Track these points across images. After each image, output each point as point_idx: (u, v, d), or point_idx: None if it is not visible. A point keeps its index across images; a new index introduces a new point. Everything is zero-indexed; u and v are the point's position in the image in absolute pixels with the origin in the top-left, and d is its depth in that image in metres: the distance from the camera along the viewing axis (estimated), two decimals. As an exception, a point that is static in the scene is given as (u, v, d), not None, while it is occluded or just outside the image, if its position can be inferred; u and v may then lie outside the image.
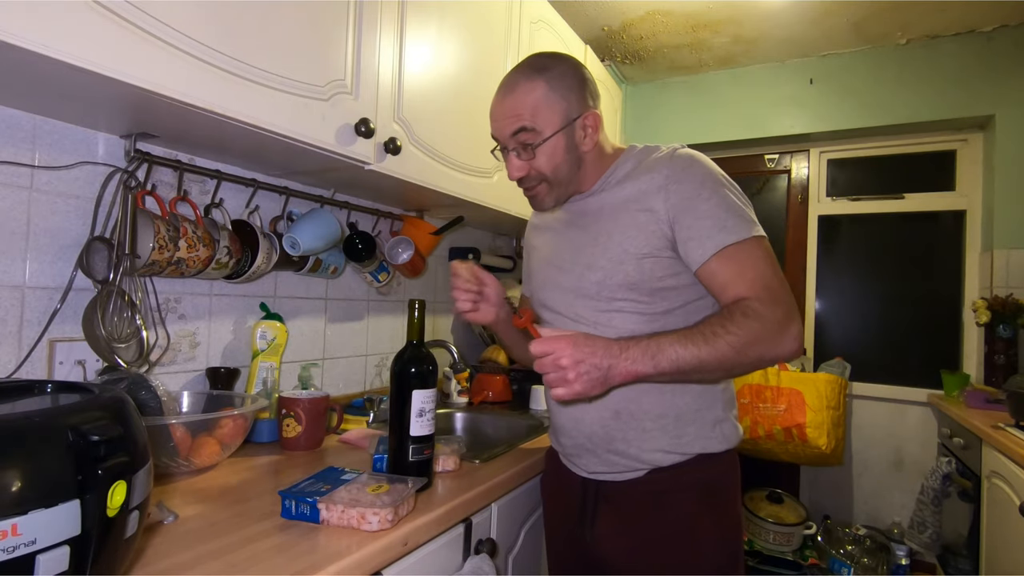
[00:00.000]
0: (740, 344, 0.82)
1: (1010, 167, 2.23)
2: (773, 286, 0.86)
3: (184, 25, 0.79)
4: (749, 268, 0.86)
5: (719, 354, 0.82)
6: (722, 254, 0.87)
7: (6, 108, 0.90)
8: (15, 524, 0.43)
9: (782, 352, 0.84)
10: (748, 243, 0.87)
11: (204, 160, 1.17)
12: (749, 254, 0.87)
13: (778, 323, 0.84)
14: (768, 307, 0.84)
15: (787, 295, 0.87)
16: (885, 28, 2.28)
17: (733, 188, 0.92)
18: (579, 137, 0.96)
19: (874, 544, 2.23)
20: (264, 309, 1.30)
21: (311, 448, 1.15)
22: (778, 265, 0.89)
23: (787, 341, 0.84)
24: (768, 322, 0.83)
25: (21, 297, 0.93)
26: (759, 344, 0.83)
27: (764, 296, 0.85)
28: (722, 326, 0.83)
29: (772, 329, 0.83)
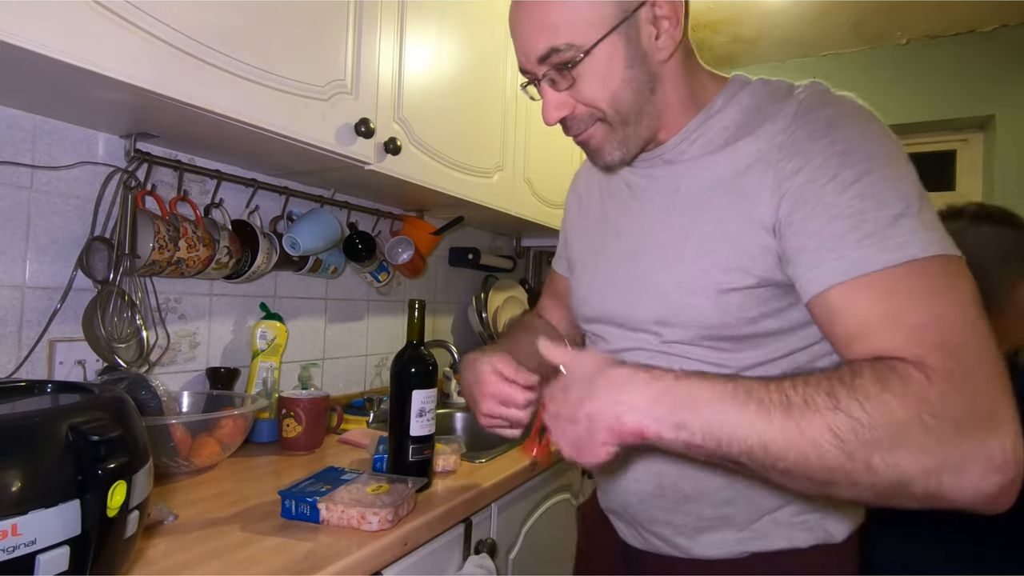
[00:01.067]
0: (859, 436, 0.43)
1: (1010, 167, 2.23)
2: (966, 347, 0.45)
3: (184, 25, 0.79)
4: (916, 306, 0.47)
5: (805, 442, 0.43)
6: (859, 283, 0.50)
7: (6, 108, 0.90)
8: (15, 524, 0.43)
9: (956, 489, 0.43)
10: (921, 268, 0.48)
11: (204, 160, 1.17)
12: (921, 283, 0.48)
13: (959, 422, 0.42)
14: (943, 386, 0.43)
15: (996, 377, 0.44)
16: (885, 28, 2.28)
17: (909, 167, 0.55)
18: (647, 38, 0.61)
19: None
20: (264, 309, 1.30)
21: (311, 448, 1.15)
22: (981, 313, 0.48)
23: (970, 470, 0.42)
24: (934, 415, 0.42)
25: (21, 297, 0.93)
26: (896, 451, 0.42)
27: (940, 362, 0.44)
28: (830, 391, 0.44)
29: (938, 432, 0.42)
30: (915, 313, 0.47)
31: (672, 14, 0.62)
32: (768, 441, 0.44)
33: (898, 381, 0.44)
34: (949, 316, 0.47)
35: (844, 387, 0.44)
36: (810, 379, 0.46)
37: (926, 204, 0.52)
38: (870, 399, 0.43)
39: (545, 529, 1.27)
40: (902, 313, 0.48)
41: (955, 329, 0.46)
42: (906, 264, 0.48)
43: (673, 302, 0.64)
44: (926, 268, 0.48)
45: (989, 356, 0.45)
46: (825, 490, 0.46)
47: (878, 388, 0.44)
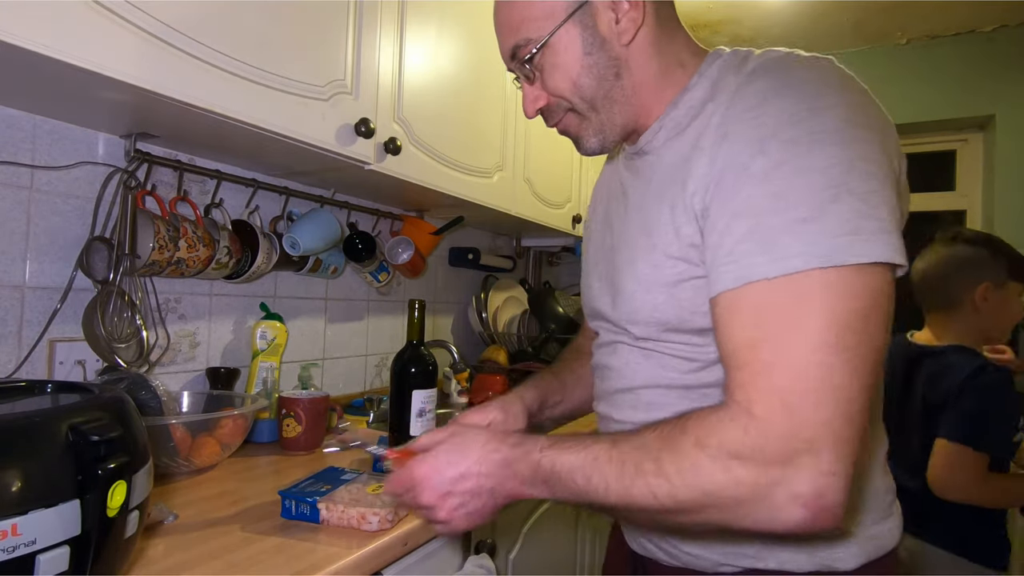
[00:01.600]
0: (664, 501, 0.48)
1: (1010, 167, 2.23)
2: (796, 393, 0.46)
3: (184, 25, 0.79)
4: (771, 340, 0.47)
5: (638, 505, 0.50)
6: (737, 296, 0.50)
7: (6, 108, 0.90)
8: (15, 524, 0.43)
9: (770, 523, 0.47)
10: (801, 283, 0.47)
11: (204, 160, 1.17)
12: (789, 307, 0.47)
13: (760, 471, 0.46)
14: (761, 436, 0.46)
15: (821, 417, 0.45)
16: (885, 28, 2.28)
17: (839, 149, 0.49)
18: (606, 23, 0.61)
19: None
20: (264, 309, 1.30)
21: (311, 448, 1.15)
22: (856, 347, 0.46)
23: (780, 506, 0.46)
24: (747, 463, 0.46)
25: (21, 297, 0.93)
26: (712, 509, 0.48)
27: (763, 411, 0.47)
28: (650, 453, 0.49)
29: (743, 484, 0.46)
30: (768, 349, 0.47)
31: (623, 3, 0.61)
32: (614, 501, 0.50)
33: (714, 441, 0.47)
34: (791, 353, 0.47)
35: (668, 451, 0.49)
36: (647, 442, 0.51)
37: (843, 198, 0.47)
38: (685, 466, 0.48)
39: (545, 529, 1.27)
40: (757, 346, 0.48)
41: (792, 370, 0.46)
42: (784, 278, 0.47)
43: (635, 299, 0.64)
44: (801, 285, 0.47)
45: (824, 396, 0.45)
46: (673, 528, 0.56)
47: (696, 450, 0.48)
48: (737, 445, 0.47)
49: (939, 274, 1.39)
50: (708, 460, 0.47)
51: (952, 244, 1.39)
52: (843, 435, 0.46)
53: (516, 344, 2.06)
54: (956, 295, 1.36)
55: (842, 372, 0.46)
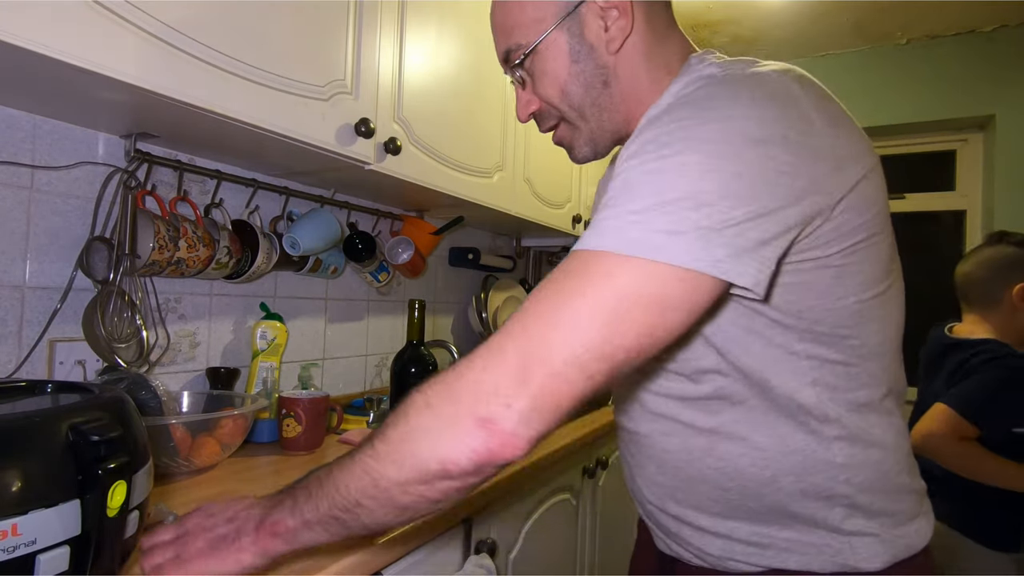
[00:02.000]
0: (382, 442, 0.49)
1: (1010, 167, 2.23)
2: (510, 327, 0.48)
3: (184, 25, 0.79)
4: (537, 295, 0.49)
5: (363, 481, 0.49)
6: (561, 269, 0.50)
7: (6, 108, 0.90)
8: (15, 524, 0.43)
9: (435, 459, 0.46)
10: (579, 261, 0.48)
11: (204, 160, 1.17)
12: (563, 278, 0.48)
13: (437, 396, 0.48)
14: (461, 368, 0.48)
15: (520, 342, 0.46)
16: (885, 28, 2.28)
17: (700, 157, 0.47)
18: (595, 31, 0.61)
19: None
20: (264, 309, 1.30)
21: (311, 448, 1.15)
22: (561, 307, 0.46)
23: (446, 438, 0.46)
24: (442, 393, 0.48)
25: (21, 297, 0.93)
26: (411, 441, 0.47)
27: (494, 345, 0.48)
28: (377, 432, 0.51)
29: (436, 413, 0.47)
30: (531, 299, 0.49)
31: (618, 4, 0.60)
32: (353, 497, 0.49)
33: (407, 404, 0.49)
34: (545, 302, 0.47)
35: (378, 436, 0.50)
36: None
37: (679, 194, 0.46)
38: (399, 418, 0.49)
39: (545, 529, 1.27)
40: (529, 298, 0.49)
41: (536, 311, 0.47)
42: (575, 254, 0.49)
43: None
44: (580, 263, 0.48)
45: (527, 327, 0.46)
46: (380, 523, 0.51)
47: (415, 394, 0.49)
48: (445, 375, 0.48)
49: (980, 273, 1.45)
50: (414, 405, 0.48)
51: (996, 245, 1.45)
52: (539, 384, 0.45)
53: (516, 344, 2.06)
54: (995, 294, 1.41)
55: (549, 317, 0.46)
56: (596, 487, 1.54)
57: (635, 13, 0.61)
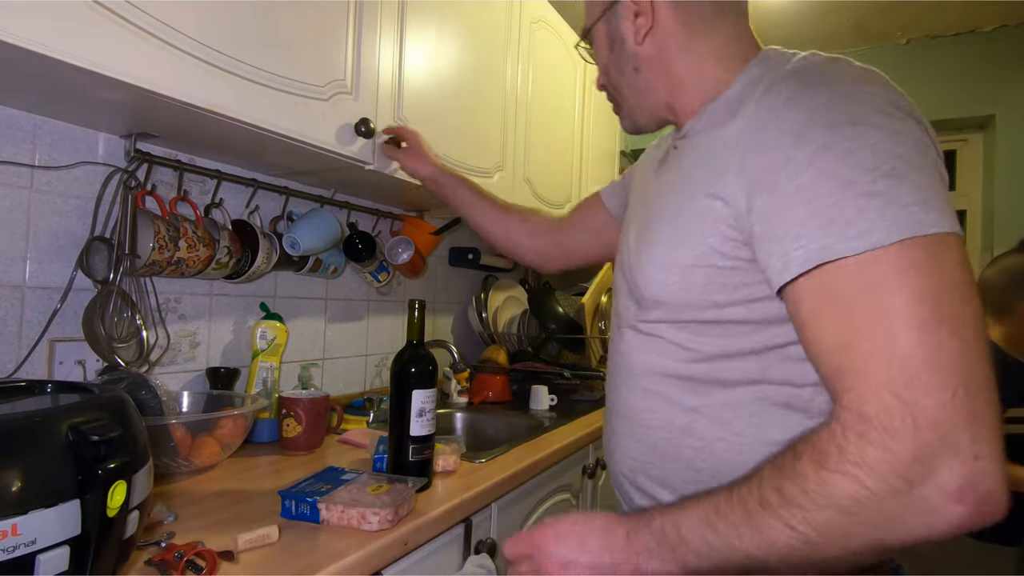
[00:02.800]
0: (805, 524, 0.43)
1: (1010, 167, 2.23)
2: (910, 379, 0.41)
3: (184, 25, 0.79)
4: (866, 328, 0.44)
5: (776, 540, 0.44)
6: (818, 283, 0.47)
7: (6, 108, 0.90)
8: (15, 524, 0.43)
9: (914, 534, 0.42)
10: (883, 259, 0.44)
11: (204, 160, 1.17)
12: (876, 290, 0.44)
13: (903, 469, 0.41)
14: (882, 438, 0.41)
15: (939, 397, 0.41)
16: (885, 28, 2.28)
17: (881, 134, 0.47)
18: (625, 28, 0.68)
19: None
20: (264, 309, 1.30)
21: (311, 448, 1.15)
22: (959, 314, 0.43)
23: (932, 507, 0.41)
24: (877, 473, 0.41)
25: (21, 297, 0.93)
26: (859, 526, 0.42)
27: (877, 410, 0.42)
28: (779, 486, 0.44)
29: (888, 486, 0.41)
30: (865, 339, 0.43)
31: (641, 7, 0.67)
32: (752, 553, 0.45)
33: (835, 453, 0.43)
34: (894, 338, 0.42)
35: (788, 479, 0.44)
36: (764, 476, 0.46)
37: (896, 170, 0.45)
38: (809, 487, 0.43)
39: (545, 529, 1.27)
40: (850, 344, 0.44)
41: (900, 357, 0.42)
42: (867, 254, 0.44)
43: (648, 277, 0.65)
44: (889, 260, 0.44)
45: (939, 378, 0.41)
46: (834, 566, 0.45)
47: (815, 468, 0.43)
48: (859, 452, 0.42)
49: (999, 280, 1.46)
50: (831, 474, 0.42)
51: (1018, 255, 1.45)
52: (973, 411, 0.41)
53: (516, 344, 2.06)
54: (1009, 303, 1.42)
55: (950, 345, 0.41)
56: (596, 487, 1.54)
57: (659, 12, 0.67)
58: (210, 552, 0.66)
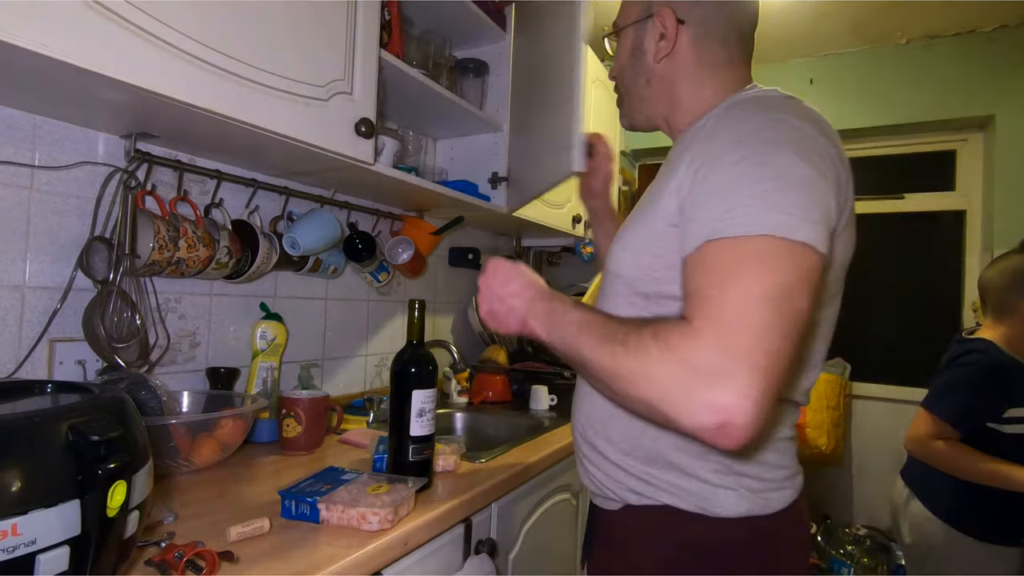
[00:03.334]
0: (617, 365, 0.58)
1: (1010, 167, 2.23)
2: (730, 322, 0.53)
3: (184, 25, 0.79)
4: (716, 282, 0.56)
5: (598, 363, 0.60)
6: (700, 252, 0.59)
7: (6, 108, 0.90)
8: (15, 524, 0.43)
9: (677, 419, 0.54)
10: (744, 244, 0.56)
11: (204, 160, 1.17)
12: (732, 262, 0.56)
13: (689, 371, 0.53)
14: (694, 345, 0.53)
15: (747, 345, 0.52)
16: (885, 28, 2.28)
17: (795, 158, 0.59)
18: (650, 40, 0.79)
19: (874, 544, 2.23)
20: (264, 309, 1.30)
21: (311, 448, 1.15)
22: (782, 302, 0.54)
23: (693, 408, 0.52)
24: (675, 365, 0.54)
25: (21, 297, 0.93)
26: (640, 384, 0.56)
27: (703, 327, 0.54)
28: (624, 331, 0.60)
29: (672, 374, 0.54)
30: (716, 288, 0.56)
31: (668, 30, 0.78)
32: (585, 356, 0.63)
33: (663, 336, 0.56)
34: (729, 294, 0.55)
35: (636, 329, 0.59)
36: (631, 320, 0.62)
37: (788, 186, 0.57)
38: (638, 341, 0.58)
39: (545, 529, 1.27)
40: (708, 286, 0.57)
41: (729, 307, 0.54)
42: (738, 239, 0.56)
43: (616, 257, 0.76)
44: (742, 245, 0.56)
45: (748, 333, 0.53)
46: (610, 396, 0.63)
47: (649, 338, 0.57)
48: (676, 343, 0.55)
49: (1000, 280, 1.46)
50: (654, 347, 0.56)
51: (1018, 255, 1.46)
52: (762, 367, 0.52)
53: (516, 344, 2.06)
54: (1009, 304, 1.42)
55: (772, 318, 0.53)
56: (596, 487, 1.54)
57: (680, 41, 0.78)
58: (210, 552, 0.66)
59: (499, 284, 0.77)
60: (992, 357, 1.38)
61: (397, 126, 1.59)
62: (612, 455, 0.76)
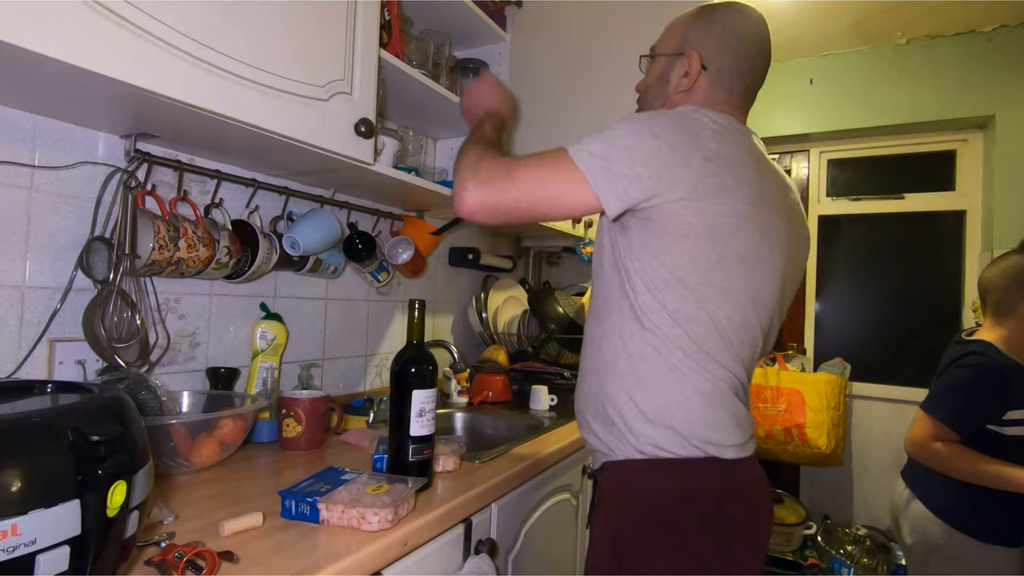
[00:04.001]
0: (463, 158, 0.88)
1: (1010, 167, 2.23)
2: (516, 165, 0.82)
3: (183, 25, 0.79)
4: (530, 161, 0.83)
5: (465, 148, 0.90)
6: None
7: (6, 108, 0.90)
8: (15, 524, 0.43)
9: (461, 196, 0.83)
10: (560, 152, 0.82)
11: (204, 160, 1.17)
12: (550, 156, 0.82)
13: (471, 171, 0.83)
14: (497, 161, 0.84)
15: (513, 174, 0.82)
16: (885, 28, 2.28)
17: (626, 132, 0.80)
18: (676, 74, 0.93)
19: (874, 544, 2.23)
20: (264, 309, 1.30)
21: (311, 448, 1.15)
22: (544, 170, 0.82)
23: (459, 190, 0.83)
24: (471, 168, 0.84)
25: (21, 297, 0.93)
26: (459, 172, 0.86)
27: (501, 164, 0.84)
28: (486, 143, 0.93)
29: (467, 170, 0.84)
30: (529, 160, 0.83)
31: (691, 72, 0.92)
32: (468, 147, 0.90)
33: (493, 153, 0.87)
34: (532, 165, 0.82)
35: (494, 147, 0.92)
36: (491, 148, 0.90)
37: (603, 139, 0.80)
38: (479, 151, 0.88)
39: (545, 529, 1.27)
40: (529, 160, 0.83)
41: (525, 166, 0.82)
42: (559, 149, 0.82)
43: None
44: (559, 153, 0.82)
45: (519, 167, 0.82)
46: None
47: (494, 152, 0.88)
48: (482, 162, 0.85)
49: (1000, 281, 1.46)
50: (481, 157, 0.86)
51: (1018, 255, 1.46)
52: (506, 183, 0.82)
53: (516, 344, 2.06)
54: (1009, 304, 1.42)
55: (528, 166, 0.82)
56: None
57: (699, 83, 0.92)
58: (210, 552, 0.66)
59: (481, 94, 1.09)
60: (991, 359, 1.37)
61: (397, 126, 1.59)
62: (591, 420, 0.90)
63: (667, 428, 0.82)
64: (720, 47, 0.91)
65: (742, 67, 0.91)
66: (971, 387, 1.37)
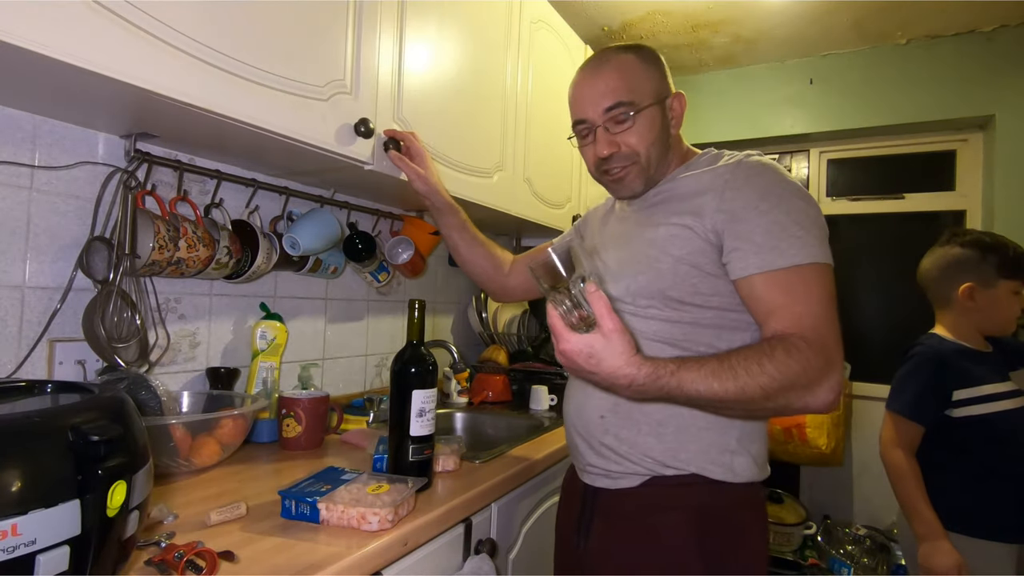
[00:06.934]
0: (772, 388, 0.73)
1: (1010, 167, 2.23)
2: (822, 328, 0.77)
3: (184, 25, 0.79)
4: (800, 300, 0.78)
5: (745, 395, 0.73)
6: (769, 277, 0.80)
7: (6, 108, 0.90)
8: (15, 524, 0.43)
9: (814, 404, 0.75)
10: (804, 271, 0.79)
11: (204, 160, 1.17)
12: (803, 284, 0.79)
13: (818, 371, 0.74)
14: (813, 352, 0.74)
15: (835, 341, 0.77)
16: (885, 28, 2.28)
17: (803, 204, 0.82)
18: (668, 116, 0.95)
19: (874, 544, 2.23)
20: (264, 309, 1.30)
21: (311, 448, 1.15)
22: (834, 304, 0.80)
23: (822, 393, 0.75)
24: (809, 369, 0.74)
25: (21, 297, 0.93)
26: (791, 392, 0.74)
27: (811, 337, 0.75)
28: (759, 364, 0.73)
29: (810, 377, 0.74)
30: (801, 304, 0.79)
31: (679, 108, 0.96)
32: (722, 396, 0.73)
33: (795, 351, 0.75)
34: (819, 308, 0.79)
35: (766, 358, 0.74)
36: (748, 354, 0.75)
37: (810, 227, 0.81)
38: (779, 366, 0.73)
39: (545, 529, 1.27)
40: (793, 303, 0.79)
41: (819, 316, 0.79)
42: (797, 268, 0.79)
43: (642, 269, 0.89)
44: (809, 273, 0.80)
45: (836, 334, 0.79)
46: (746, 416, 0.85)
47: (783, 355, 0.74)
48: (799, 355, 0.74)
49: (931, 274, 1.52)
50: (794, 363, 0.74)
51: (946, 245, 1.51)
52: (839, 351, 0.78)
53: (516, 344, 2.06)
54: (946, 294, 1.48)
55: (832, 318, 0.80)
56: (596, 487, 1.54)
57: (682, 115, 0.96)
58: (210, 552, 0.66)
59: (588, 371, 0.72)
60: (930, 347, 1.44)
61: (397, 126, 1.59)
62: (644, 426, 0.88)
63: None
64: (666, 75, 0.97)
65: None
66: (914, 374, 1.43)
